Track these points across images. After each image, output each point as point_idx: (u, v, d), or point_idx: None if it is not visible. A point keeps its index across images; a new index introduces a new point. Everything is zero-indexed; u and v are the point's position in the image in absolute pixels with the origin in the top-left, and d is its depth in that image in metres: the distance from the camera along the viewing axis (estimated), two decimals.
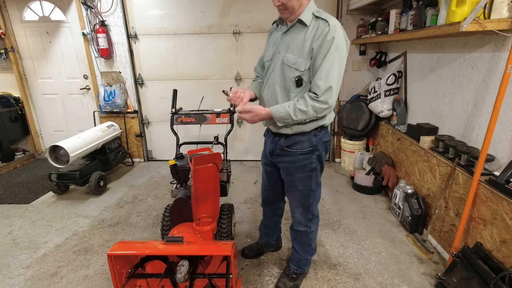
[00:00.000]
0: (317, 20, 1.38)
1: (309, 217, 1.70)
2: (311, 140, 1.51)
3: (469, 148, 1.90)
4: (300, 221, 1.72)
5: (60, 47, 3.84)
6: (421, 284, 1.82)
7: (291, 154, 1.55)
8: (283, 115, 1.39)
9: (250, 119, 1.44)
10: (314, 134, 1.50)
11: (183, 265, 1.29)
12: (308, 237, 1.76)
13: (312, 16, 1.39)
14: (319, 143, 1.52)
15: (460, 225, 1.79)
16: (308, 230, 1.73)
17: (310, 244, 1.79)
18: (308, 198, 1.64)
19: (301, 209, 1.69)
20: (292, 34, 1.45)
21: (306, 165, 1.55)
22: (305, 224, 1.72)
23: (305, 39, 1.38)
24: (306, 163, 1.54)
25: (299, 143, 1.52)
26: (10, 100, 3.88)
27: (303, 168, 1.55)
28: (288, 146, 1.55)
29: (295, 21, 1.42)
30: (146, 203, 2.92)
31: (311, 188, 1.61)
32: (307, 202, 1.65)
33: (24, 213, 2.76)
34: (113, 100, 3.69)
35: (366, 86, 3.62)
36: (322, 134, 1.53)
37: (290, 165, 1.58)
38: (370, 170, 3.09)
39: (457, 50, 2.10)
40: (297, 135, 1.51)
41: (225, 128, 2.59)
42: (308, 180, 1.58)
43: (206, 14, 3.53)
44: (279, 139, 1.57)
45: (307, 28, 1.39)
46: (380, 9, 3.28)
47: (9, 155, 3.89)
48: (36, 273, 1.99)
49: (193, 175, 1.63)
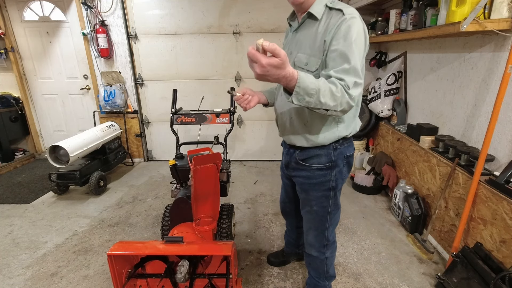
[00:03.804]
0: (331, 12, 1.16)
1: (323, 243, 1.50)
2: (329, 154, 1.30)
3: (469, 148, 1.90)
4: (313, 245, 1.53)
5: (60, 47, 3.84)
6: (421, 284, 1.82)
7: (306, 168, 1.36)
8: (311, 87, 0.96)
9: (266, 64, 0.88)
10: (334, 147, 1.29)
11: (183, 265, 1.29)
12: (323, 263, 1.57)
13: (324, 8, 1.18)
14: (339, 158, 1.31)
15: (460, 225, 1.79)
16: (321, 257, 1.53)
17: (327, 271, 1.60)
18: (323, 221, 1.44)
19: (315, 233, 1.49)
20: (303, 31, 1.25)
21: (323, 183, 1.34)
22: (318, 249, 1.52)
23: (317, 34, 1.17)
24: (323, 180, 1.34)
25: (316, 157, 1.32)
26: (10, 100, 3.88)
27: (320, 186, 1.35)
28: (303, 160, 1.35)
29: (305, 15, 1.21)
30: (146, 203, 2.92)
31: (328, 210, 1.40)
32: (322, 226, 1.45)
33: (24, 213, 2.76)
34: (113, 100, 3.69)
35: (366, 86, 3.62)
36: (344, 147, 1.31)
37: (305, 180, 1.38)
38: (370, 170, 3.09)
39: (457, 50, 2.10)
40: (314, 148, 1.31)
41: (225, 128, 2.59)
42: (325, 200, 1.38)
43: (206, 14, 3.53)
44: (294, 151, 1.39)
45: (318, 22, 1.18)
46: (380, 9, 3.28)
47: (9, 155, 3.89)
48: (36, 273, 1.99)
49: (193, 175, 1.63)
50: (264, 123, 3.93)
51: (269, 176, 3.54)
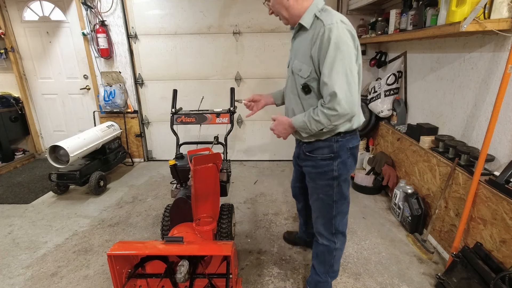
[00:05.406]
0: (317, 21, 1.28)
1: (331, 231, 1.55)
2: (331, 146, 1.41)
3: (469, 148, 1.90)
4: (322, 233, 1.58)
5: (60, 47, 3.85)
6: (421, 284, 1.82)
7: (312, 159, 1.48)
8: (302, 125, 1.33)
9: (275, 127, 1.44)
10: (336, 140, 1.40)
11: (183, 265, 1.29)
12: (331, 254, 1.59)
13: (313, 18, 1.30)
14: (341, 150, 1.41)
15: (460, 225, 1.79)
16: (332, 246, 1.57)
17: (333, 265, 1.62)
18: (329, 208, 1.51)
19: (322, 221, 1.56)
20: (298, 39, 1.38)
21: (327, 172, 1.44)
22: (327, 237, 1.57)
23: (307, 43, 1.30)
24: (326, 169, 1.44)
25: (320, 149, 1.44)
26: (10, 100, 3.88)
27: (324, 175, 1.46)
28: (310, 152, 1.48)
29: (297, 26, 1.35)
30: (146, 203, 2.92)
31: (333, 199, 1.49)
32: (329, 214, 1.52)
33: (24, 213, 2.76)
34: (113, 100, 3.69)
35: (366, 86, 3.62)
36: (346, 140, 1.41)
37: (312, 170, 1.50)
38: (370, 170, 3.09)
39: (457, 50, 2.10)
40: (318, 141, 1.44)
41: (225, 128, 2.59)
42: (330, 189, 1.47)
43: (206, 14, 3.53)
44: (302, 144, 1.53)
45: (308, 31, 1.31)
46: (380, 9, 3.28)
47: (9, 155, 3.89)
48: (36, 273, 1.99)
49: (193, 175, 1.63)
50: (264, 123, 3.92)
51: (269, 176, 3.54)
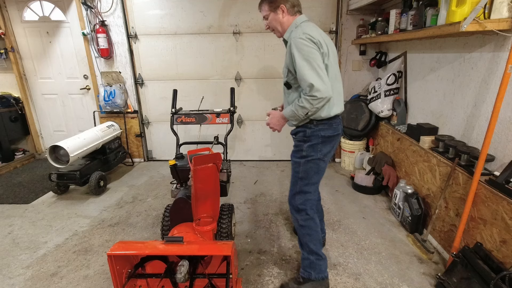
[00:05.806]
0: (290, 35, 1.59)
1: (294, 205, 1.74)
2: (305, 131, 1.66)
3: (469, 148, 1.90)
4: (291, 207, 1.78)
5: (60, 47, 3.85)
6: (421, 284, 1.82)
7: (294, 140, 1.76)
8: (291, 114, 1.59)
9: (270, 121, 1.73)
10: (309, 127, 1.64)
11: (183, 265, 1.29)
12: (299, 230, 1.76)
13: (290, 33, 1.62)
14: (313, 136, 1.64)
15: (460, 225, 1.79)
16: (295, 219, 1.77)
17: (307, 244, 1.72)
18: (294, 184, 1.73)
19: (290, 194, 1.77)
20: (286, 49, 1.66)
21: (298, 151, 1.70)
22: (292, 211, 1.77)
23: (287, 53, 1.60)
24: (298, 149, 1.70)
25: (298, 132, 1.71)
26: (10, 100, 3.88)
27: (296, 153, 1.71)
28: (293, 134, 1.75)
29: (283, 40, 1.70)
30: (146, 203, 2.92)
31: (298, 176, 1.69)
32: (294, 189, 1.73)
33: (24, 213, 2.76)
34: (113, 100, 3.69)
35: (366, 86, 3.62)
36: (319, 128, 1.63)
37: (293, 148, 1.76)
38: (370, 170, 3.09)
39: (457, 50, 2.10)
40: (298, 127, 1.70)
41: (225, 128, 2.59)
42: (297, 165, 1.69)
43: (206, 14, 3.53)
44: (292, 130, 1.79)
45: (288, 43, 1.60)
46: (380, 9, 3.28)
47: (9, 155, 3.90)
48: (36, 273, 1.99)
49: (193, 175, 1.63)
50: (264, 123, 3.92)
51: (269, 176, 3.54)
